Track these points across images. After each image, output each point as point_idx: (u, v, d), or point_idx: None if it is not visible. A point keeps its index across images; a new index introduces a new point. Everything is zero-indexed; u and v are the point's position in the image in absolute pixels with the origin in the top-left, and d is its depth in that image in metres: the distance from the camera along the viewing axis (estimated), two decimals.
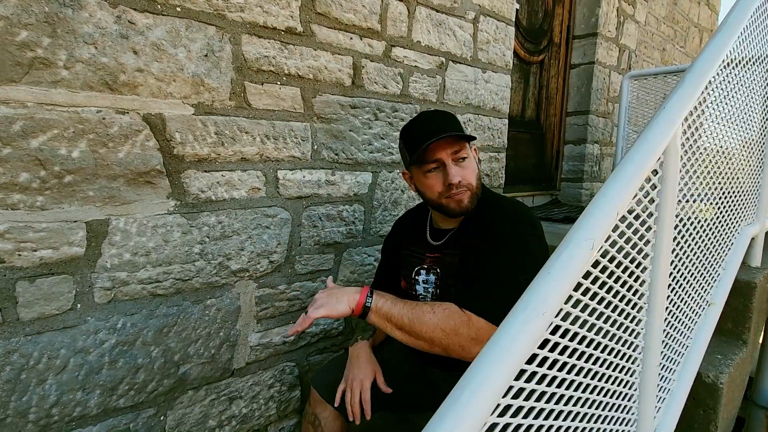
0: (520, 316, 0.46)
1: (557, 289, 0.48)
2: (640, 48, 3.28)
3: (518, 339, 0.44)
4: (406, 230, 1.25)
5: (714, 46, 0.82)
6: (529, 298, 0.47)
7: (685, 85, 0.74)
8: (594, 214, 0.55)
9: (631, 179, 0.58)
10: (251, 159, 1.29)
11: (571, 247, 0.52)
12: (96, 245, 1.06)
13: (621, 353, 0.70)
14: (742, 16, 0.90)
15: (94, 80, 1.01)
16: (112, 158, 1.05)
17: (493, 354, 0.42)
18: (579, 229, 0.53)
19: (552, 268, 0.50)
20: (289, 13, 1.31)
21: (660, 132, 0.65)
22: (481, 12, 1.90)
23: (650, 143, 0.63)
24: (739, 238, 1.18)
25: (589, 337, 0.61)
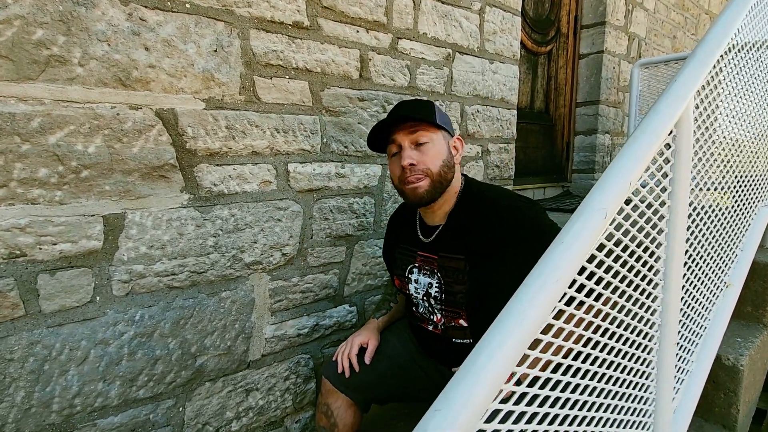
0: (534, 283, 0.46)
1: (570, 257, 0.48)
2: (650, 36, 3.24)
3: (533, 305, 0.44)
4: (398, 227, 1.23)
5: (726, 18, 0.81)
6: (543, 266, 0.47)
7: (696, 59, 0.73)
8: (606, 185, 0.54)
9: (643, 150, 0.58)
10: (262, 152, 1.30)
11: (583, 217, 0.52)
12: (113, 239, 1.08)
13: (637, 329, 0.70)
14: None
15: (108, 77, 1.03)
16: (126, 153, 1.07)
17: (509, 320, 0.42)
18: (591, 200, 0.53)
19: (565, 237, 0.50)
20: (296, 8, 1.32)
21: (671, 104, 0.64)
22: (487, 2, 1.90)
23: (662, 115, 0.62)
24: (756, 218, 1.16)
25: (604, 310, 0.61)
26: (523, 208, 0.97)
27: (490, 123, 2.01)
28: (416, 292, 1.11)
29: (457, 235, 1.01)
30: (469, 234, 0.99)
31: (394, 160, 1.03)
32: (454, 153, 1.03)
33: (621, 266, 0.62)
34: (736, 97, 0.97)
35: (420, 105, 1.02)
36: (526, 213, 0.96)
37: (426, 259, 1.07)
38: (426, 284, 1.06)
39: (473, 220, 1.00)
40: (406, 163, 0.97)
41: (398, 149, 1.01)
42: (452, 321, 1.05)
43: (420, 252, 1.09)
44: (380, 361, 1.18)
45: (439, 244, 1.05)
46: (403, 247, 1.17)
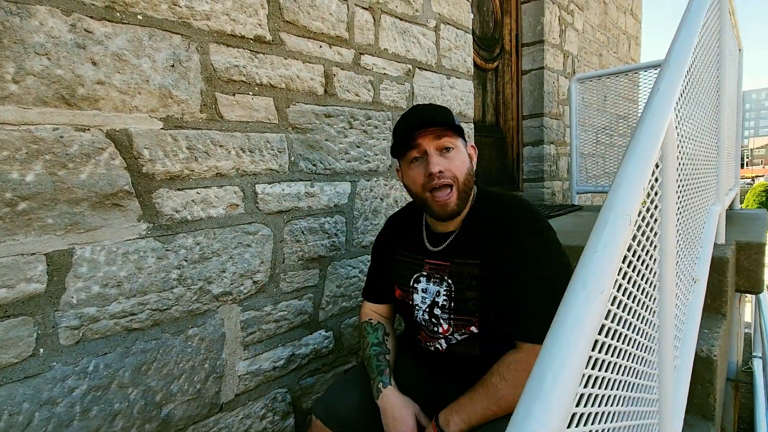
0: (579, 297, 0.44)
1: (609, 266, 0.47)
2: (581, 54, 3.51)
3: (585, 320, 0.42)
4: (399, 233, 1.14)
5: (685, 35, 0.87)
6: (585, 276, 0.45)
7: (670, 72, 0.77)
8: (624, 192, 0.54)
9: (648, 153, 0.59)
10: (227, 174, 1.21)
11: (610, 224, 0.51)
12: (59, 279, 0.93)
13: (643, 331, 0.70)
14: (701, 8, 0.97)
15: (49, 95, 0.91)
16: (73, 180, 0.94)
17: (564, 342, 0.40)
18: (614, 206, 0.52)
19: (598, 245, 0.48)
20: (257, 21, 1.26)
21: (662, 110, 0.66)
22: (441, 20, 1.94)
23: (655, 121, 0.64)
24: (709, 216, 1.25)
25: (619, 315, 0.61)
26: (533, 219, 0.94)
27: None
28: (422, 302, 1.02)
29: (472, 241, 0.97)
30: (483, 240, 0.95)
31: (416, 166, 0.96)
32: (472, 162, 1.01)
33: (632, 270, 0.63)
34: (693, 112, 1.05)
35: (442, 111, 0.97)
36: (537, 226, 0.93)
37: (436, 266, 1.00)
38: (434, 292, 0.99)
39: (486, 225, 0.96)
40: (435, 169, 0.91)
41: (420, 155, 0.95)
42: (462, 329, 0.98)
43: (428, 260, 1.02)
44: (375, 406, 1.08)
45: (452, 251, 0.99)
46: (406, 255, 1.07)
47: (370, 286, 1.21)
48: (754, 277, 1.46)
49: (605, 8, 3.92)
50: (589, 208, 2.99)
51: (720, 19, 1.34)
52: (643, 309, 0.70)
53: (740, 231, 1.69)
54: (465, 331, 0.98)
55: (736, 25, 1.96)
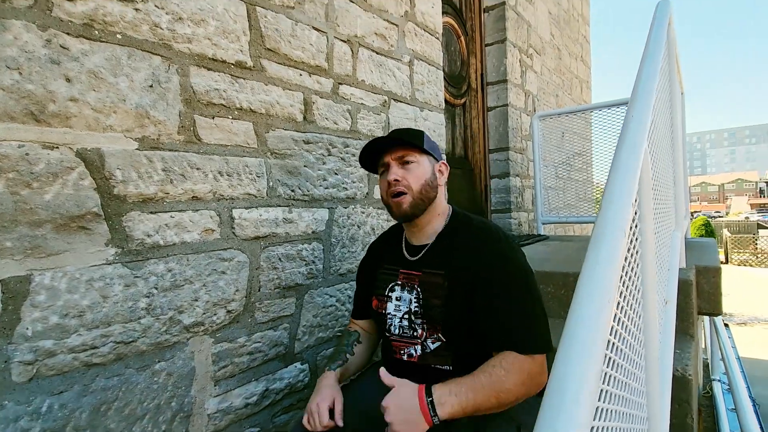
0: (590, 308, 0.44)
1: (613, 277, 0.48)
2: (540, 94, 3.75)
3: (598, 331, 0.42)
4: (381, 250, 1.21)
5: (646, 77, 0.94)
6: (592, 288, 0.46)
7: (640, 101, 0.83)
8: (616, 207, 0.57)
9: (632, 173, 0.63)
10: (204, 198, 1.17)
11: (607, 237, 0.52)
12: (14, 308, 0.85)
13: (632, 346, 0.72)
14: (658, 50, 1.06)
15: (17, 110, 0.86)
16: (36, 201, 0.88)
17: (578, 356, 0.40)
18: (609, 220, 0.54)
19: (599, 257, 0.50)
20: (239, 47, 1.27)
21: (640, 137, 0.71)
22: (415, 56, 2.03)
23: (636, 144, 0.69)
24: (673, 241, 1.33)
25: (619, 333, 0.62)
26: (503, 240, 1.03)
27: None
28: (396, 310, 1.09)
29: (442, 254, 1.06)
30: (452, 254, 1.04)
31: (382, 177, 1.10)
32: (438, 175, 1.11)
33: (623, 286, 0.64)
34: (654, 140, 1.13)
35: (410, 132, 1.11)
36: (507, 246, 1.02)
37: (409, 275, 1.09)
38: (408, 300, 1.07)
39: (458, 241, 1.05)
40: (391, 178, 1.05)
41: (385, 168, 1.10)
42: (433, 334, 1.03)
43: (402, 270, 1.10)
44: (352, 417, 1.05)
45: (423, 262, 1.07)
46: (386, 267, 1.15)
47: (356, 305, 1.27)
48: (714, 300, 1.55)
49: (559, 54, 4.24)
50: (554, 237, 3.10)
51: (669, 63, 1.47)
52: (633, 326, 0.71)
53: (697, 257, 1.80)
54: (436, 336, 1.03)
55: (680, 70, 2.17)
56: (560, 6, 4.28)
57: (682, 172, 2.47)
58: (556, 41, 4.14)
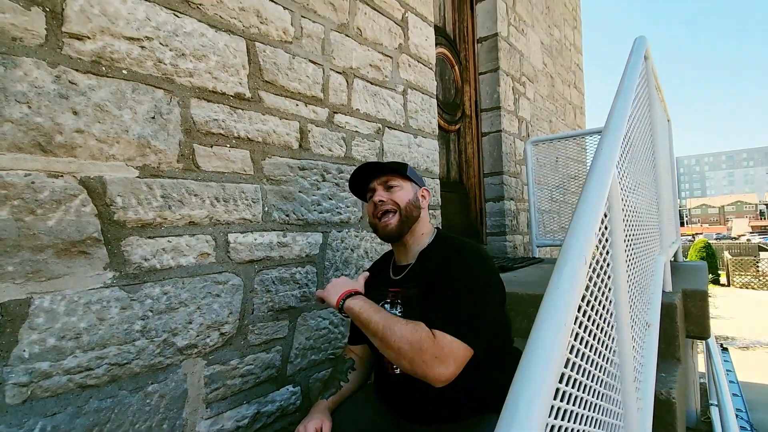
0: (548, 329, 0.48)
1: (571, 301, 0.51)
2: (534, 120, 3.85)
3: (554, 351, 0.46)
4: (373, 274, 1.26)
5: (620, 108, 1.00)
6: (549, 311, 0.50)
7: (610, 136, 0.89)
8: (579, 236, 0.61)
9: (597, 202, 0.67)
10: (200, 223, 1.21)
11: (569, 265, 0.56)
12: (12, 331, 0.88)
13: (606, 370, 0.75)
14: (631, 84, 1.13)
15: (25, 141, 0.91)
16: (40, 227, 0.92)
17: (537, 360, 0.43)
18: (571, 249, 0.59)
19: (560, 283, 0.53)
20: (238, 80, 1.34)
21: (606, 167, 0.76)
22: (409, 86, 2.11)
23: (602, 173, 0.73)
24: (656, 265, 1.36)
25: (583, 352, 0.65)
26: (470, 254, 1.06)
27: None
28: None
29: (420, 270, 1.12)
30: (428, 267, 1.10)
31: (370, 202, 1.20)
32: (421, 199, 1.21)
33: (591, 309, 0.68)
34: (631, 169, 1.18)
35: (394, 163, 1.21)
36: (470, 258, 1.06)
37: (394, 293, 1.15)
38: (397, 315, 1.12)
39: (435, 257, 1.12)
40: (376, 199, 1.15)
41: (371, 193, 1.19)
42: None
43: (390, 288, 1.16)
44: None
45: (405, 279, 1.14)
46: (377, 288, 1.20)
47: (352, 331, 1.29)
48: (702, 323, 1.57)
49: (552, 81, 4.36)
50: (548, 260, 3.13)
51: (649, 94, 1.54)
52: (605, 349, 0.74)
53: (685, 280, 1.83)
54: None
55: (663, 99, 2.25)
56: (552, 36, 4.43)
57: (672, 197, 2.52)
58: (548, 69, 4.27)
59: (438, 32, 2.75)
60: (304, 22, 1.56)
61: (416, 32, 2.18)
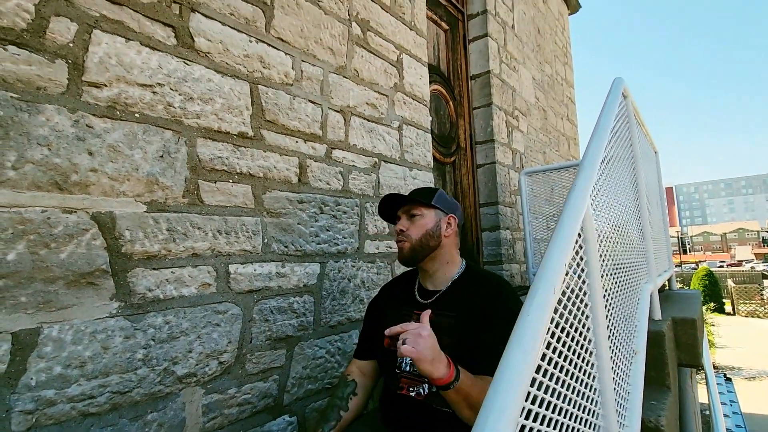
0: (517, 351, 0.53)
1: (540, 326, 0.57)
2: (527, 152, 3.96)
3: (522, 372, 0.51)
4: (394, 292, 1.33)
5: (595, 145, 1.08)
6: (520, 336, 0.55)
7: (585, 170, 0.96)
8: (551, 266, 0.67)
9: (569, 236, 0.73)
10: (203, 254, 1.27)
11: (540, 293, 0.62)
12: (21, 359, 0.92)
13: (584, 394, 0.78)
14: (608, 123, 1.21)
15: (44, 180, 0.98)
16: (52, 259, 0.98)
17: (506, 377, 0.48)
18: (543, 279, 0.64)
19: (530, 310, 0.59)
20: (242, 120, 1.43)
21: (579, 201, 0.82)
22: (404, 122, 2.22)
23: (575, 208, 0.80)
24: (642, 293, 1.40)
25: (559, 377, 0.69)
26: (509, 292, 1.16)
27: None
28: None
29: (455, 299, 1.18)
30: (465, 300, 1.16)
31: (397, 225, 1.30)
32: (444, 227, 1.26)
33: (566, 336, 0.73)
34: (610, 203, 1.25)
35: (424, 192, 1.30)
36: (511, 297, 1.15)
37: None
38: None
39: (472, 290, 1.18)
40: (397, 228, 1.26)
41: (399, 219, 1.29)
42: None
43: (416, 312, 1.19)
44: None
45: (437, 305, 1.18)
46: (398, 308, 1.26)
47: (360, 344, 1.34)
48: (693, 351, 1.59)
49: (545, 115, 4.52)
50: None
51: (629, 129, 1.63)
52: (583, 375, 0.79)
53: (677, 308, 1.86)
54: None
55: (648, 133, 2.35)
56: (544, 72, 4.62)
57: (662, 227, 2.58)
58: (541, 103, 4.43)
59: (432, 70, 2.90)
60: (304, 65, 1.68)
61: (411, 72, 2.31)
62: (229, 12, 1.41)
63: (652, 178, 2.44)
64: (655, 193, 2.51)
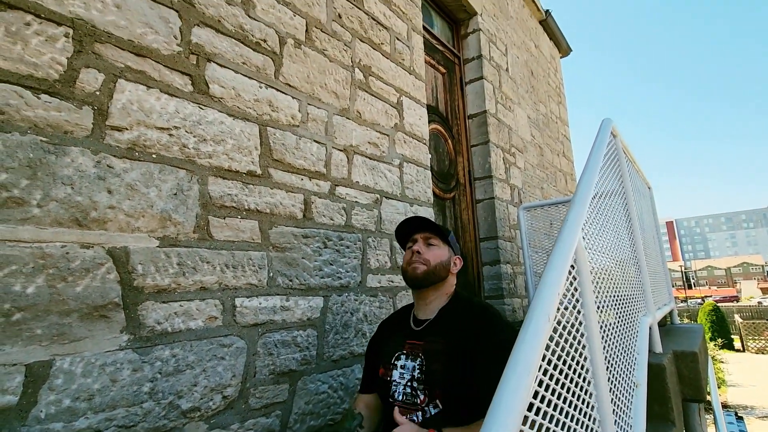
0: (513, 375, 0.56)
1: (535, 352, 0.60)
2: (525, 187, 4.05)
3: (518, 394, 0.54)
4: (390, 325, 1.37)
5: (585, 180, 1.15)
6: (516, 361, 0.58)
7: (576, 206, 1.02)
8: (544, 295, 0.71)
9: (562, 267, 0.78)
10: (210, 288, 1.31)
11: (534, 321, 0.66)
12: (33, 391, 0.95)
13: (582, 422, 0.80)
14: (597, 160, 1.28)
15: (65, 217, 1.04)
16: (69, 293, 1.02)
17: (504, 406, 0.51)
18: (536, 308, 0.68)
19: (525, 337, 0.63)
20: (251, 160, 1.51)
21: (571, 235, 0.88)
22: (405, 160, 2.31)
23: (567, 243, 0.85)
24: (641, 326, 1.43)
25: (557, 404, 0.72)
26: (496, 318, 1.20)
27: None
28: (400, 377, 1.21)
29: (443, 326, 1.23)
30: (453, 325, 1.21)
31: (408, 250, 1.35)
32: (452, 265, 1.34)
33: (563, 364, 0.76)
34: (603, 236, 1.30)
35: (441, 227, 1.37)
36: (499, 323, 1.19)
37: (413, 345, 1.23)
38: (411, 367, 1.20)
39: (458, 316, 1.23)
40: (415, 248, 1.31)
41: (413, 243, 1.35)
42: (434, 400, 1.14)
43: (408, 340, 1.25)
44: None
45: (426, 332, 1.24)
46: (393, 338, 1.30)
47: (364, 379, 1.38)
48: (696, 385, 1.59)
49: (541, 151, 4.65)
50: None
51: (620, 166, 1.71)
52: (581, 403, 0.81)
53: (678, 342, 1.87)
54: (435, 402, 1.13)
55: (640, 169, 2.43)
56: (539, 111, 4.79)
57: (660, 261, 2.61)
58: (537, 140, 4.57)
59: (431, 111, 3.03)
60: (309, 108, 1.78)
61: (410, 113, 2.43)
62: (242, 61, 1.53)
63: (647, 212, 2.50)
64: (651, 227, 2.56)
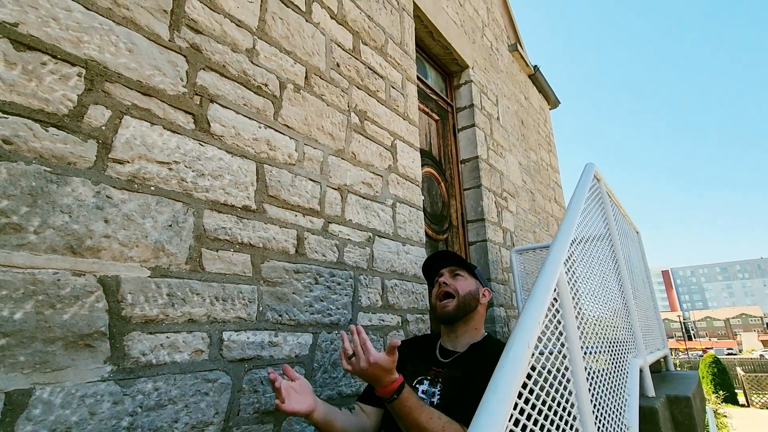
0: (492, 399, 0.57)
1: (514, 379, 0.62)
2: (518, 231, 4.11)
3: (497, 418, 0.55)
4: (414, 348, 1.40)
5: (568, 219, 1.19)
6: (496, 385, 0.59)
7: (558, 243, 1.05)
8: (526, 324, 0.73)
9: (542, 298, 0.80)
10: (198, 320, 1.31)
11: (514, 349, 0.68)
12: (10, 421, 0.92)
13: None
14: (580, 202, 1.34)
15: (60, 244, 1.06)
16: (56, 320, 1.02)
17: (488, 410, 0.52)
18: (517, 336, 0.70)
19: (506, 363, 0.64)
20: (246, 195, 1.55)
21: (553, 266, 0.91)
22: (397, 200, 2.37)
23: (549, 275, 0.88)
24: (631, 366, 1.42)
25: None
26: None
27: (407, 295, 2.24)
28: None
29: (467, 359, 1.27)
30: (475, 359, 1.25)
31: (436, 285, 1.40)
32: (480, 296, 1.39)
33: (546, 394, 0.76)
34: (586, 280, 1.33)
35: (461, 258, 1.42)
36: None
37: (437, 373, 1.28)
38: (431, 393, 1.24)
39: (484, 352, 1.27)
40: (441, 280, 1.36)
41: (440, 276, 1.39)
42: None
43: (435, 368, 1.30)
44: None
45: (452, 364, 1.28)
46: (417, 361, 1.33)
47: (368, 389, 1.36)
48: (690, 431, 1.55)
49: (533, 197, 4.76)
50: None
51: (604, 209, 1.76)
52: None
53: (672, 387, 1.84)
54: None
55: (627, 214, 2.50)
56: (530, 158, 4.96)
57: (651, 305, 2.62)
58: (528, 186, 4.69)
59: (425, 155, 3.14)
60: (306, 148, 1.85)
61: (404, 155, 2.52)
62: (243, 103, 1.61)
63: (636, 256, 2.54)
64: (641, 271, 2.59)
